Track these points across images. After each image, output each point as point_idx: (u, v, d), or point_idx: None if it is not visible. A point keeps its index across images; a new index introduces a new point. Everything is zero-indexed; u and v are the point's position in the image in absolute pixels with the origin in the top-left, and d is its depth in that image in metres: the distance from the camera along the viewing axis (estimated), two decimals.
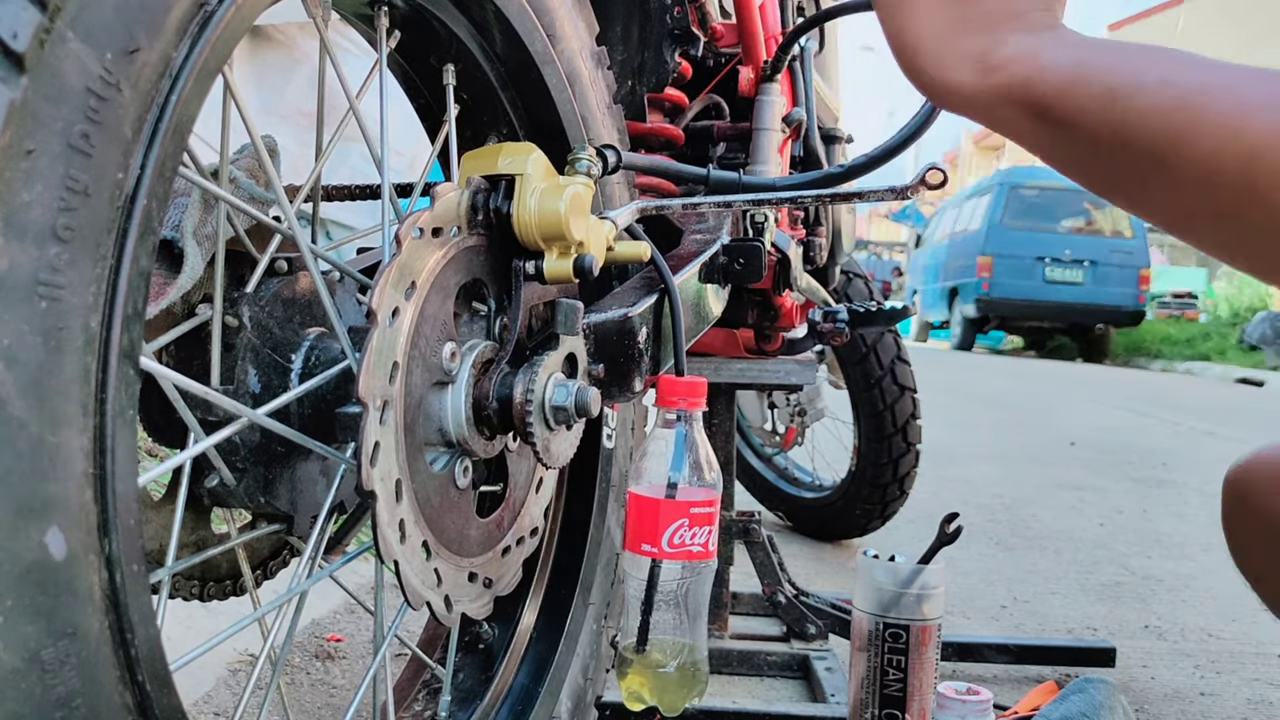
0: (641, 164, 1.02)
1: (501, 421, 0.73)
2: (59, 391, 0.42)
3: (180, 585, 0.78)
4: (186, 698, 0.95)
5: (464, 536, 0.74)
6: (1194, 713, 1.55)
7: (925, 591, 1.09)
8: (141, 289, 0.47)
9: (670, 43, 1.21)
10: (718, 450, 1.36)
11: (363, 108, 0.75)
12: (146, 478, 0.51)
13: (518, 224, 0.74)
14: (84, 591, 0.44)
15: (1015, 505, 3.09)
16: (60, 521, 0.42)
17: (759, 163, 1.37)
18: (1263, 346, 10.46)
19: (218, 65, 0.51)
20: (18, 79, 0.40)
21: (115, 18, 0.44)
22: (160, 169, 0.47)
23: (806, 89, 1.51)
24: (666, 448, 0.82)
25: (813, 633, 1.67)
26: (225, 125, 0.72)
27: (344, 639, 1.61)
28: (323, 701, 1.40)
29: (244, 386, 0.72)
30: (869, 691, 1.11)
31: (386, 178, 0.75)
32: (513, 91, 0.91)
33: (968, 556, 2.42)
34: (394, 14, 0.80)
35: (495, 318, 0.78)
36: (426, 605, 0.69)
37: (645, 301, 0.86)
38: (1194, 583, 2.29)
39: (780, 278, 1.32)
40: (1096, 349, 12.33)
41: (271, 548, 0.87)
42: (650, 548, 0.80)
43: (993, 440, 4.48)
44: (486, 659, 0.98)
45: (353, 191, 1.02)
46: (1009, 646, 1.67)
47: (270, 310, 0.74)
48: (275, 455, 0.74)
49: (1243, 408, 6.74)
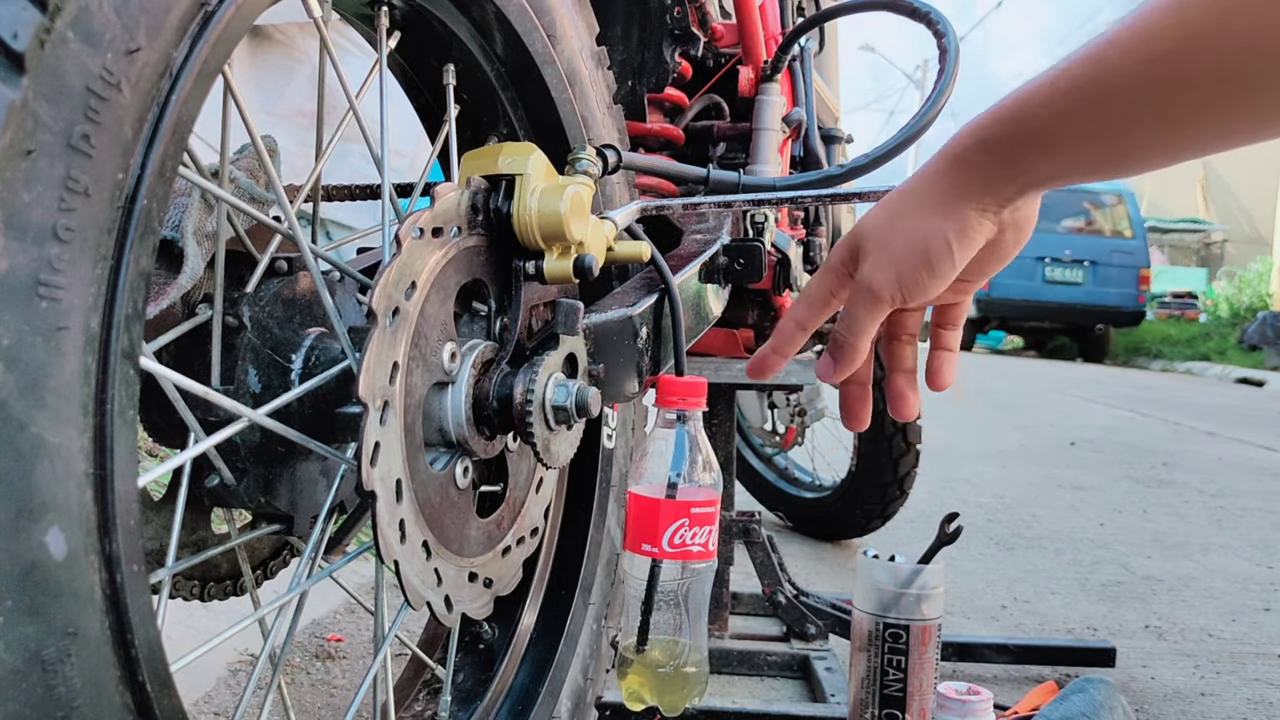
0: (641, 164, 1.02)
1: (502, 421, 0.73)
2: (59, 391, 0.42)
3: (180, 585, 0.78)
4: (187, 698, 0.95)
5: (464, 536, 0.74)
6: (1194, 713, 1.55)
7: (925, 591, 1.09)
8: (141, 289, 0.47)
9: (670, 43, 1.21)
10: (718, 450, 1.36)
11: (363, 108, 0.75)
12: (146, 478, 0.51)
13: (518, 224, 0.74)
14: (84, 591, 0.44)
15: (1015, 505, 3.09)
16: (60, 521, 0.42)
17: (759, 163, 1.37)
18: (1263, 346, 10.45)
19: (218, 65, 0.51)
20: (18, 79, 0.40)
21: (115, 18, 0.44)
22: (160, 169, 0.47)
23: (806, 89, 1.51)
24: (666, 448, 0.82)
25: (813, 633, 1.67)
26: (225, 125, 0.72)
27: (344, 639, 1.61)
28: (323, 701, 1.40)
29: (244, 386, 0.72)
30: (869, 691, 1.11)
31: (386, 178, 0.75)
32: (513, 91, 0.91)
33: (968, 556, 2.42)
34: (394, 14, 0.80)
35: (495, 318, 0.78)
36: (427, 605, 0.69)
37: (645, 301, 0.86)
38: (1194, 583, 2.29)
39: (780, 278, 1.32)
40: (1096, 349, 12.33)
41: (271, 548, 0.87)
42: (650, 548, 0.80)
43: (993, 440, 4.48)
44: (487, 659, 0.98)
45: (353, 191, 1.02)
46: (1009, 646, 1.67)
47: (270, 310, 0.74)
48: (275, 455, 0.74)
49: (1243, 408, 6.74)
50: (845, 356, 0.72)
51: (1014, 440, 4.55)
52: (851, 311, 0.70)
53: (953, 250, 0.65)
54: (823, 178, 1.12)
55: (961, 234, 0.64)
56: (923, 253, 0.65)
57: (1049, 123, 0.58)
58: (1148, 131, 0.55)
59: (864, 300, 0.69)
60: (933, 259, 0.65)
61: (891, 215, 0.68)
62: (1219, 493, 3.43)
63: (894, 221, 0.67)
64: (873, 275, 0.68)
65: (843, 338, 0.71)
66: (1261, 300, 13.13)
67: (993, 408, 5.91)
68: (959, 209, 0.64)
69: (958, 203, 0.64)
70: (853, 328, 0.70)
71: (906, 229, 0.66)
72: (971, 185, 0.64)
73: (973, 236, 0.65)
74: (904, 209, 0.67)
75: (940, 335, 0.78)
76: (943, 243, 0.65)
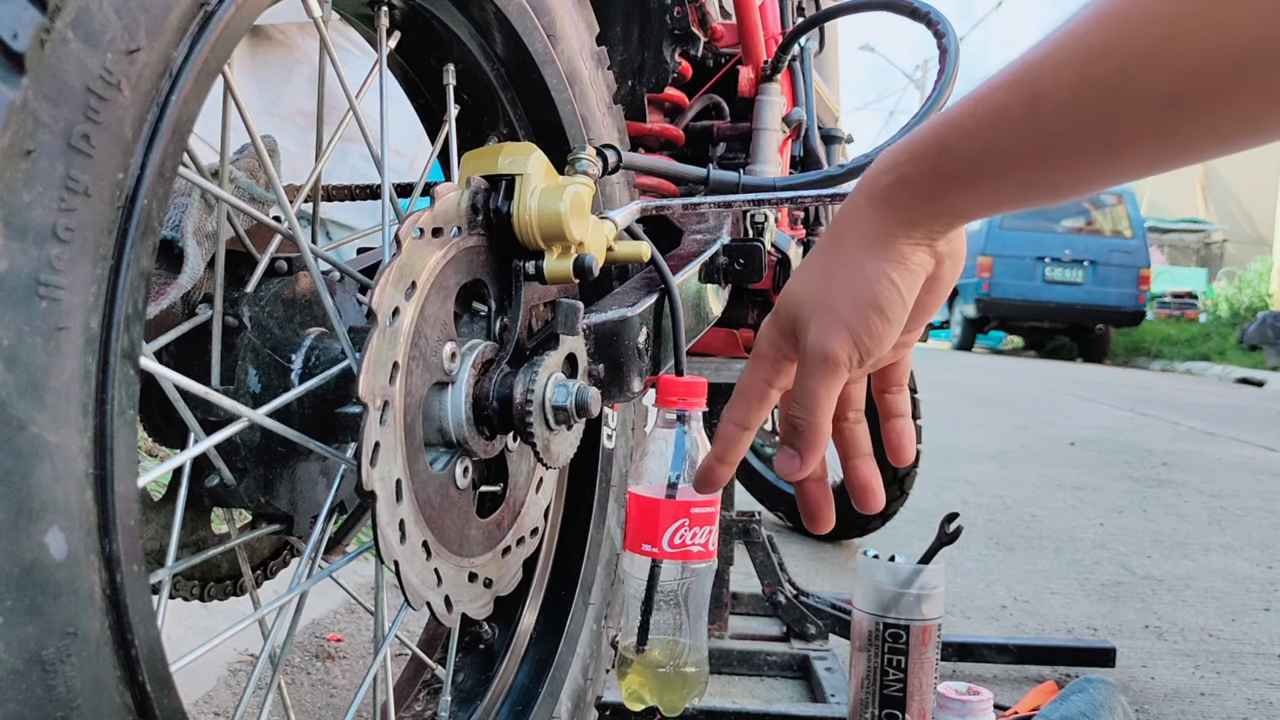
0: (641, 164, 1.02)
1: (502, 421, 0.73)
2: (59, 391, 0.42)
3: (180, 585, 0.78)
4: (187, 698, 0.95)
5: (464, 536, 0.74)
6: (1194, 713, 1.55)
7: (925, 591, 1.09)
8: (141, 289, 0.47)
9: (670, 43, 1.21)
10: None
11: (363, 108, 0.75)
12: (146, 478, 0.51)
13: (518, 224, 0.74)
14: (84, 591, 0.44)
15: (1015, 505, 3.09)
16: (60, 522, 0.42)
17: (759, 163, 1.37)
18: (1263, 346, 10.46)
19: (218, 65, 0.51)
20: (18, 79, 0.40)
21: (115, 18, 0.44)
22: (160, 169, 0.47)
23: (806, 89, 1.51)
24: (666, 448, 0.82)
25: (813, 633, 1.67)
26: (225, 125, 0.72)
27: (344, 639, 1.61)
28: (323, 701, 1.40)
29: (244, 386, 0.72)
30: (869, 691, 1.11)
31: (386, 178, 0.75)
32: (513, 91, 0.91)
33: (968, 556, 2.42)
34: (394, 14, 0.80)
35: (495, 318, 0.78)
36: (427, 605, 0.69)
37: (645, 301, 0.86)
38: (1194, 583, 2.29)
39: (780, 278, 1.32)
40: (1096, 349, 12.33)
41: (271, 548, 0.87)
42: (650, 548, 0.80)
43: (993, 440, 4.48)
44: (487, 659, 0.98)
45: (353, 191, 1.02)
46: (1009, 646, 1.67)
47: (270, 310, 0.74)
48: (275, 455, 0.74)
49: (1243, 408, 6.74)
50: (809, 442, 0.65)
51: (1014, 440, 4.55)
52: (806, 388, 0.64)
53: (899, 288, 0.61)
54: (823, 178, 1.13)
55: (903, 269, 0.61)
56: (870, 299, 0.61)
57: (973, 156, 0.54)
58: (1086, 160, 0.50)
59: (819, 371, 0.62)
60: (882, 303, 0.61)
61: (823, 273, 0.63)
62: (1219, 493, 3.43)
63: (828, 279, 0.63)
64: (823, 341, 0.62)
65: (802, 422, 0.65)
66: (1261, 300, 13.13)
67: (993, 408, 5.91)
68: (892, 246, 0.60)
69: (889, 240, 0.60)
70: (809, 405, 0.64)
71: (845, 282, 0.62)
72: (898, 223, 0.60)
73: (914, 270, 0.61)
74: (834, 264, 0.63)
75: (889, 402, 0.72)
76: (887, 283, 0.61)
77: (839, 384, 0.63)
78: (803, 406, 0.64)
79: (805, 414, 0.64)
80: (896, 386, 0.72)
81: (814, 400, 0.63)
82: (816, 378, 0.63)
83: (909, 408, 0.73)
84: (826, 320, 0.62)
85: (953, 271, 0.64)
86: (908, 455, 0.71)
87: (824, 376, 0.63)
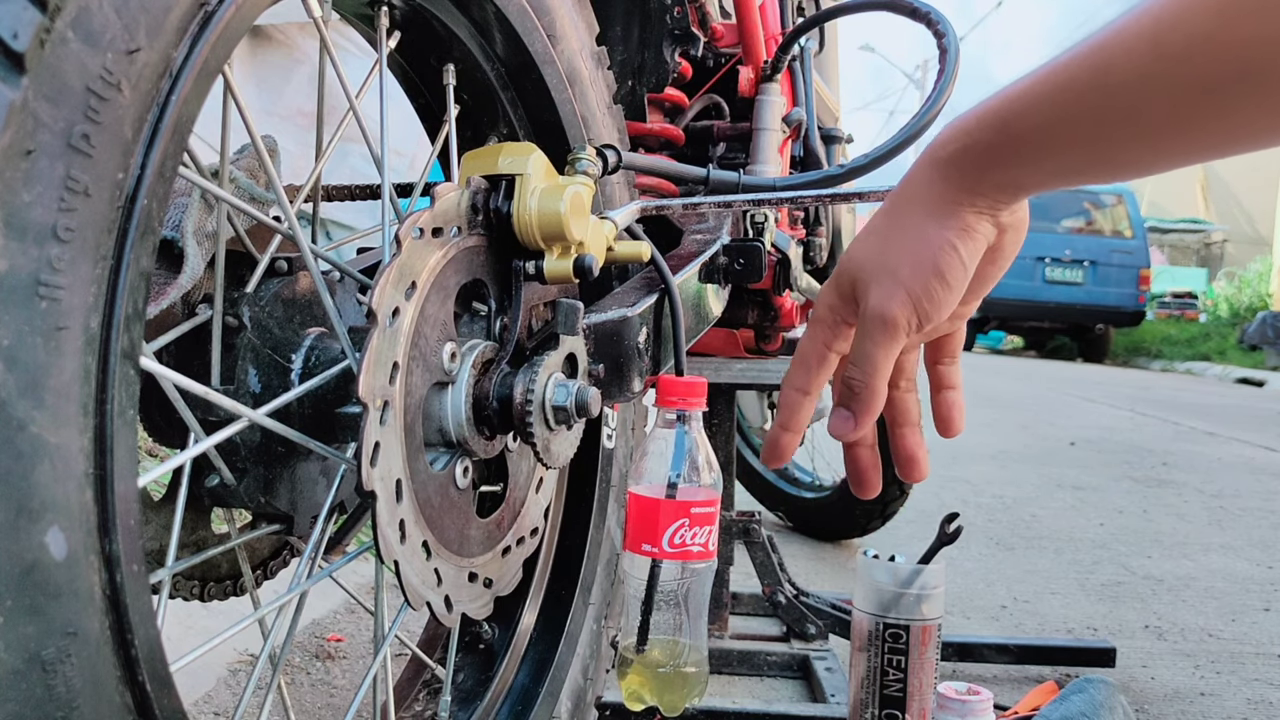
0: (641, 164, 1.02)
1: (502, 421, 0.73)
2: (59, 391, 0.42)
3: (180, 585, 0.78)
4: (186, 698, 0.95)
5: (464, 536, 0.74)
6: (1194, 713, 1.55)
7: (925, 591, 1.09)
8: (141, 289, 0.47)
9: (670, 43, 1.21)
10: (718, 450, 1.36)
11: (363, 108, 0.75)
12: (146, 478, 0.51)
13: (518, 224, 0.74)
14: (84, 591, 0.44)
15: (1015, 505, 3.09)
16: (60, 521, 0.42)
17: (759, 163, 1.37)
18: (1263, 346, 10.46)
19: (218, 65, 0.51)
20: (18, 79, 0.40)
21: (115, 18, 0.44)
22: (160, 169, 0.47)
23: (806, 89, 1.51)
24: (666, 448, 0.82)
25: (813, 633, 1.67)
26: (225, 125, 0.72)
27: (344, 639, 1.61)
28: (323, 701, 1.40)
29: (244, 386, 0.72)
30: (869, 691, 1.11)
31: (386, 178, 0.75)
32: (513, 91, 0.91)
33: (968, 556, 2.42)
34: (394, 14, 0.80)
35: (495, 318, 0.78)
36: (426, 605, 0.69)
37: (645, 301, 0.86)
38: (1194, 583, 2.29)
39: (780, 278, 1.32)
40: (1096, 349, 12.34)
41: (271, 548, 0.87)
42: (650, 548, 0.80)
43: (993, 440, 4.48)
44: (487, 659, 0.98)
45: (353, 191, 1.02)
46: (1009, 646, 1.67)
47: (270, 310, 0.74)
48: (275, 455, 0.74)
49: (1243, 408, 6.74)
50: (865, 404, 0.65)
51: (1014, 440, 4.55)
52: (864, 351, 0.64)
53: (961, 255, 0.61)
54: (823, 178, 1.13)
55: (966, 237, 0.61)
56: (932, 265, 0.61)
57: (1040, 128, 0.55)
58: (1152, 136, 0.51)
59: (878, 334, 0.63)
60: (943, 268, 0.61)
61: (884, 238, 0.64)
62: (1219, 493, 3.43)
63: (889, 243, 0.63)
64: (883, 304, 0.62)
65: (859, 383, 0.65)
66: (1261, 300, 13.13)
67: (992, 408, 5.91)
68: (956, 213, 0.61)
69: (953, 208, 0.61)
70: (868, 368, 0.64)
71: (907, 246, 0.62)
72: (962, 191, 0.61)
73: (977, 239, 0.62)
74: (897, 229, 0.63)
75: (942, 374, 0.72)
76: (950, 249, 0.61)
77: (897, 347, 0.64)
78: (860, 369, 0.65)
79: (862, 376, 0.65)
80: (949, 358, 0.73)
81: (871, 363, 0.64)
82: (875, 340, 0.63)
83: (960, 380, 0.73)
84: (887, 283, 0.62)
85: (1014, 243, 0.65)
86: (958, 427, 0.72)
87: (883, 339, 0.63)
